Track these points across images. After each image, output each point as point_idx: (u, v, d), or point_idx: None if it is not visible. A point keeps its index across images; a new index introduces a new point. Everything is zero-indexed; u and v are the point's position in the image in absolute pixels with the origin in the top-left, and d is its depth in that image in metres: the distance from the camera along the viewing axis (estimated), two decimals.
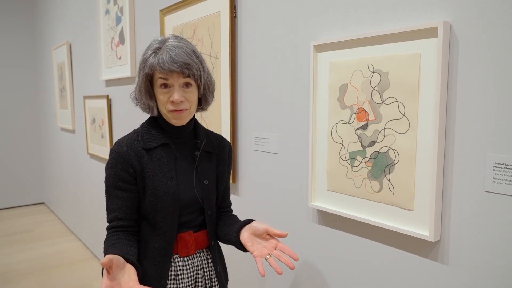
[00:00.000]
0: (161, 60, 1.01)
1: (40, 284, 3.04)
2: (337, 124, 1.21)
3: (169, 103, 1.06)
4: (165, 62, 1.01)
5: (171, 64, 1.01)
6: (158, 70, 1.02)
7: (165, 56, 1.01)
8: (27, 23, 5.22)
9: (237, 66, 1.66)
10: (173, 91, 1.04)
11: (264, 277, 1.20)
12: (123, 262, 0.91)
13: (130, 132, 1.15)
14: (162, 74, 1.03)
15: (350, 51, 1.15)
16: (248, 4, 1.57)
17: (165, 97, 1.06)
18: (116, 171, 1.07)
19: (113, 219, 1.08)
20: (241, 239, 1.09)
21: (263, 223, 1.09)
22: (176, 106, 1.05)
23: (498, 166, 0.87)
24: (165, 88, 1.05)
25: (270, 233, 1.06)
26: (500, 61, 0.87)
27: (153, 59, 1.03)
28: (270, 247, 1.05)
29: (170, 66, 1.00)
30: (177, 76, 1.03)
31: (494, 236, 0.90)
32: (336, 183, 1.23)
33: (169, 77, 1.03)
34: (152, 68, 1.03)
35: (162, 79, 1.04)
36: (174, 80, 1.04)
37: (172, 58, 1.01)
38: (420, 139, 1.00)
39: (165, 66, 1.01)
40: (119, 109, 2.80)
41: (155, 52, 1.04)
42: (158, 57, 1.02)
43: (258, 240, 1.07)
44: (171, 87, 1.05)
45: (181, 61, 1.01)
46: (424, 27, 0.96)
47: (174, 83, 1.04)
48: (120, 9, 2.61)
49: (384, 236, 1.14)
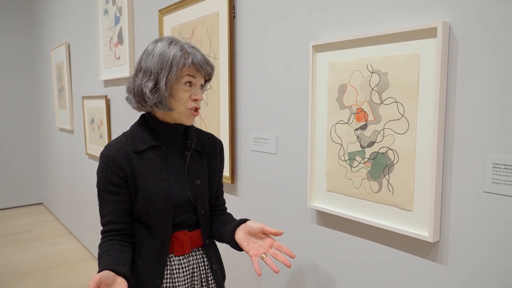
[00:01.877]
0: (196, 59, 1.07)
1: (38, 284, 3.03)
2: (336, 125, 1.21)
3: (190, 101, 1.09)
4: (200, 62, 1.07)
5: (205, 65, 1.08)
6: (191, 68, 1.06)
7: (199, 56, 1.08)
8: (26, 23, 5.21)
9: (236, 67, 1.65)
10: (195, 90, 1.09)
11: (260, 276, 1.20)
12: (112, 277, 0.90)
13: (120, 135, 1.15)
14: (193, 71, 1.07)
15: (349, 51, 1.15)
16: (247, 4, 1.57)
17: (187, 95, 1.08)
18: (106, 175, 1.07)
19: (106, 223, 1.09)
20: (236, 238, 1.09)
21: (258, 222, 1.09)
22: (198, 104, 1.10)
23: (497, 167, 0.87)
24: (189, 86, 1.08)
25: (266, 232, 1.07)
26: (499, 61, 0.86)
27: (185, 57, 1.05)
28: (266, 246, 1.05)
29: (206, 67, 1.08)
30: (201, 76, 1.10)
31: (493, 236, 0.90)
32: (335, 183, 1.23)
33: (197, 76, 1.09)
34: (187, 59, 1.06)
35: (190, 77, 1.07)
36: (198, 79, 1.10)
37: (205, 59, 1.09)
38: (419, 139, 1.00)
39: (202, 65, 1.07)
40: (118, 109, 2.80)
41: (184, 51, 1.06)
42: (192, 55, 1.07)
43: (254, 239, 1.08)
44: (193, 86, 1.09)
45: (211, 65, 1.11)
46: (423, 27, 0.96)
47: (197, 83, 1.10)
48: (119, 9, 2.61)
49: (383, 237, 1.14)
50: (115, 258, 1.00)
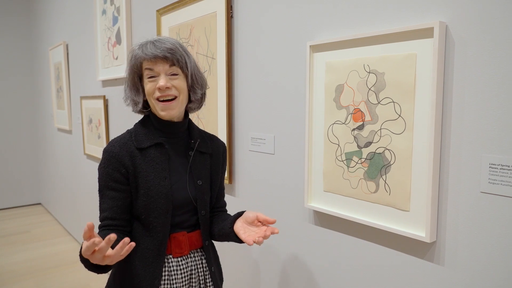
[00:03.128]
0: (145, 49, 1.06)
1: (37, 285, 3.02)
2: (333, 125, 1.21)
3: (156, 91, 1.07)
4: (149, 49, 1.05)
5: (154, 50, 1.05)
6: (143, 58, 1.06)
7: (149, 45, 1.06)
8: (24, 23, 5.20)
9: (233, 67, 1.65)
10: (158, 80, 1.07)
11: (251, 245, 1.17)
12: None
13: (124, 132, 1.15)
14: (148, 63, 1.06)
15: (346, 51, 1.15)
16: (245, 5, 1.57)
17: (151, 86, 1.08)
18: (108, 171, 1.08)
19: (104, 218, 1.09)
20: (234, 228, 1.10)
21: (254, 211, 1.10)
22: (163, 92, 1.07)
23: (494, 167, 0.87)
24: (152, 78, 1.07)
25: (260, 219, 1.08)
26: (496, 62, 0.86)
27: (138, 50, 1.08)
28: (261, 232, 1.05)
29: (153, 52, 1.04)
30: (162, 63, 1.06)
31: (490, 237, 0.90)
32: (332, 183, 1.23)
33: (154, 66, 1.06)
34: (138, 58, 1.08)
35: (148, 70, 1.07)
36: (160, 69, 1.06)
37: (155, 46, 1.06)
38: (416, 139, 1.00)
39: (148, 52, 1.05)
40: (116, 110, 2.79)
41: (141, 45, 1.09)
42: (143, 47, 1.07)
43: (250, 227, 1.09)
44: (158, 76, 1.07)
45: (164, 46, 1.05)
46: (420, 28, 0.96)
47: (160, 72, 1.07)
48: (117, 9, 2.60)
49: (380, 237, 1.14)
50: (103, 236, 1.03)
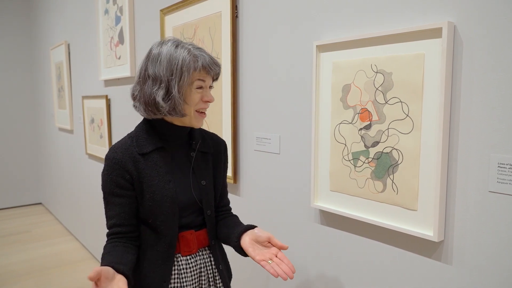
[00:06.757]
0: (205, 62, 1.04)
1: (37, 285, 3.02)
2: (340, 124, 1.21)
3: (201, 103, 1.08)
4: (210, 64, 1.05)
5: (214, 66, 1.06)
6: (202, 71, 1.04)
7: (208, 58, 1.05)
8: (25, 23, 5.19)
9: (238, 66, 1.65)
10: (206, 92, 1.08)
11: (277, 277, 1.19)
12: (112, 273, 0.90)
13: (124, 137, 1.14)
14: (201, 74, 1.05)
15: (353, 51, 1.15)
16: (250, 4, 1.57)
17: (197, 97, 1.07)
18: (112, 177, 1.07)
19: (112, 225, 1.08)
20: (242, 244, 1.08)
21: (266, 231, 1.08)
22: (207, 106, 1.10)
23: (502, 166, 0.88)
24: (200, 89, 1.07)
25: (272, 243, 1.06)
26: (504, 62, 0.87)
27: (194, 61, 1.02)
28: (271, 253, 1.04)
29: (214, 68, 1.06)
30: (210, 78, 1.08)
31: (498, 236, 0.90)
32: (339, 183, 1.23)
33: (206, 79, 1.07)
34: (196, 67, 1.03)
35: (200, 81, 1.05)
36: (207, 82, 1.08)
37: (213, 59, 1.06)
38: (424, 139, 1.00)
39: (212, 67, 1.05)
40: (118, 109, 2.79)
41: (193, 55, 1.03)
42: (201, 59, 1.03)
43: (259, 246, 1.07)
44: (204, 88, 1.08)
45: (218, 62, 1.08)
46: (428, 28, 0.96)
47: (207, 85, 1.09)
48: (120, 8, 2.60)
49: (387, 236, 1.14)
50: (117, 257, 1.00)
